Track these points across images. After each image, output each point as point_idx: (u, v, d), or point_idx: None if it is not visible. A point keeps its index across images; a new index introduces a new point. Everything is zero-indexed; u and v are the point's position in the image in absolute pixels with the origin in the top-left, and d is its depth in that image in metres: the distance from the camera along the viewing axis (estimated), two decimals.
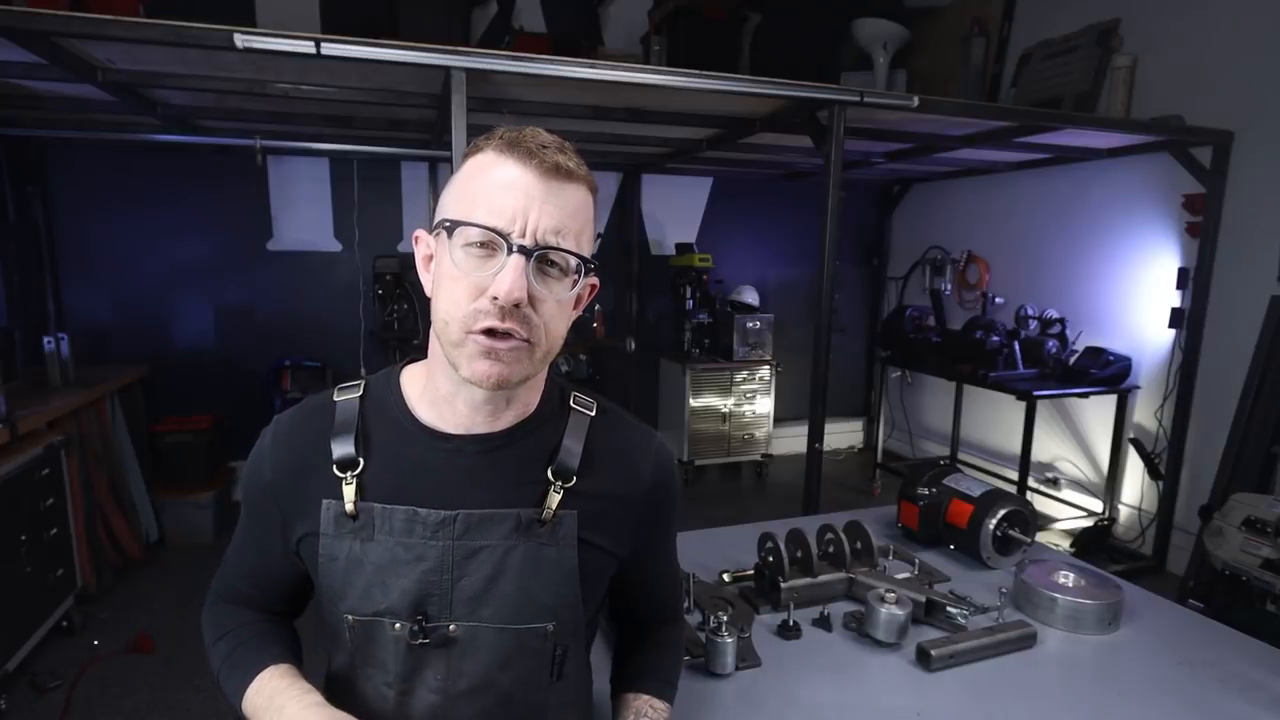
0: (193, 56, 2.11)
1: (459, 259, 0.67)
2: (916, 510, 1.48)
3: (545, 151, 0.67)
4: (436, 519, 0.72)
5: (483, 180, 0.68)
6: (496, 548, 0.73)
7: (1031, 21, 3.78)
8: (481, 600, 0.73)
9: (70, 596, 2.51)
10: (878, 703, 1.00)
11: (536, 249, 0.66)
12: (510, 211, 0.66)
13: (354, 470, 0.73)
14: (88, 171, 3.45)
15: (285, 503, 0.76)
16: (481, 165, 0.69)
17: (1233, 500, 2.42)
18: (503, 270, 0.65)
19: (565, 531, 0.74)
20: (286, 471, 0.76)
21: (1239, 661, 1.11)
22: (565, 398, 0.81)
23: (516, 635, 0.73)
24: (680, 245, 4.41)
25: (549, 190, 0.67)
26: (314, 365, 3.78)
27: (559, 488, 0.75)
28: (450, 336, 0.68)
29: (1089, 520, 3.44)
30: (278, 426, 0.79)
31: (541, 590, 0.74)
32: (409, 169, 3.97)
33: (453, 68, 2.00)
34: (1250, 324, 2.84)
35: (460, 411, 0.74)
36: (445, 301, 0.68)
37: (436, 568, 0.72)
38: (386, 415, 0.77)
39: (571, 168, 0.68)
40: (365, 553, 0.72)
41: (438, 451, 0.74)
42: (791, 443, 4.62)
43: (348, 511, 0.72)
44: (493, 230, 0.65)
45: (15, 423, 2.23)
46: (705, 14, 3.59)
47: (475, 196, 0.67)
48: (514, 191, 0.66)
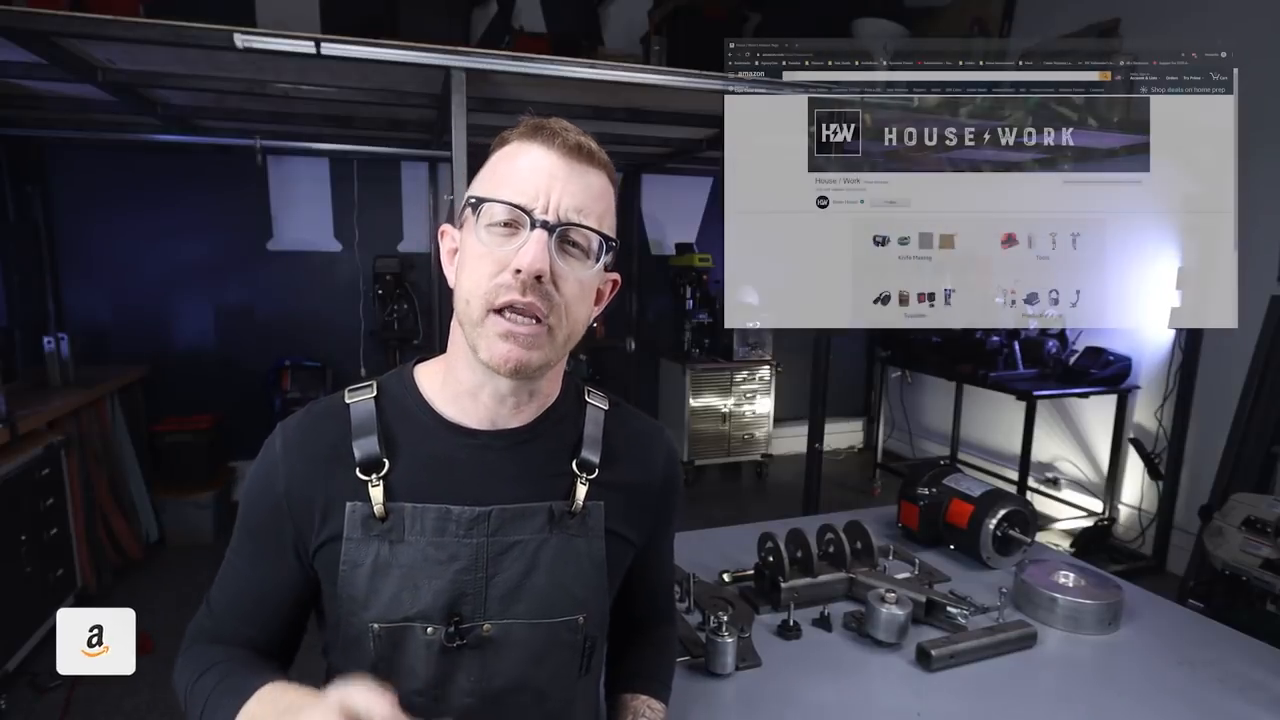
0: (193, 56, 2.11)
1: (484, 237, 0.68)
2: (916, 510, 1.48)
3: (567, 133, 0.69)
4: (470, 516, 0.71)
5: (508, 164, 0.70)
6: (530, 542, 0.73)
7: (1031, 21, 3.78)
8: (515, 596, 0.72)
9: (70, 596, 2.51)
10: (878, 703, 1.00)
11: (559, 224, 0.67)
12: (533, 189, 0.67)
13: (379, 471, 0.71)
14: (88, 171, 3.45)
15: (300, 513, 0.72)
16: (507, 152, 0.71)
17: (1233, 500, 2.42)
18: (526, 244, 0.66)
19: (594, 522, 0.76)
20: (301, 479, 0.72)
21: (1239, 661, 1.11)
22: (581, 392, 0.82)
23: (550, 629, 0.73)
24: (680, 245, 4.41)
25: (572, 170, 0.68)
26: (314, 365, 3.78)
27: (585, 479, 0.75)
28: (472, 315, 0.68)
29: (1089, 520, 3.44)
30: (286, 433, 0.75)
31: (573, 583, 0.74)
32: (409, 169, 3.96)
33: (453, 68, 2.00)
34: (1250, 324, 2.83)
35: (484, 405, 0.74)
36: (468, 280, 0.69)
37: (470, 566, 0.71)
38: (407, 414, 0.75)
39: (593, 149, 0.70)
40: (394, 555, 0.70)
41: (464, 447, 0.74)
42: (791, 443, 4.62)
43: (376, 514, 0.70)
44: (517, 207, 0.67)
45: (15, 423, 2.23)
46: (705, 14, 3.59)
47: (501, 179, 0.69)
48: (537, 171, 0.68)
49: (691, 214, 4.65)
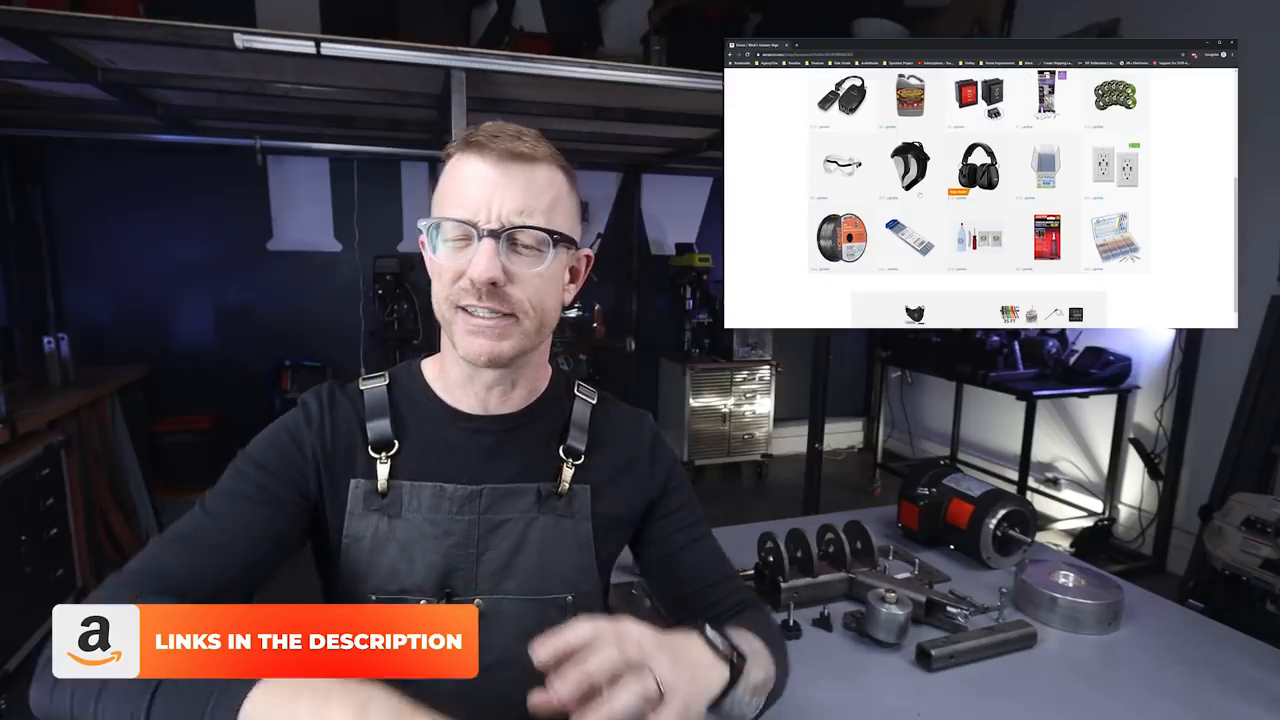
0: (193, 56, 2.12)
1: (441, 251, 0.73)
2: (916, 510, 1.48)
3: (497, 141, 0.71)
4: (463, 494, 0.76)
5: (453, 180, 0.73)
6: (519, 520, 0.78)
7: (1031, 21, 3.78)
8: (505, 573, 0.77)
9: (70, 596, 2.51)
10: (878, 703, 1.00)
11: (504, 230, 0.71)
12: (475, 201, 0.71)
13: (389, 451, 0.77)
14: (88, 171, 3.45)
15: (324, 466, 0.76)
16: (451, 168, 0.74)
17: (1233, 500, 2.42)
18: (476, 255, 0.70)
19: (580, 505, 0.80)
20: (331, 439, 0.77)
21: (1239, 661, 1.11)
22: (570, 385, 0.88)
23: (540, 606, 0.78)
24: (680, 245, 4.42)
25: (508, 175, 0.71)
26: (314, 365, 3.78)
27: (570, 463, 0.80)
28: (443, 316, 0.74)
29: (1089, 520, 3.44)
30: (320, 399, 0.79)
31: (561, 561, 0.79)
32: (409, 169, 3.97)
33: (453, 68, 2.00)
34: (1250, 324, 2.83)
35: (475, 394, 0.79)
36: (436, 289, 0.75)
37: (462, 542, 0.76)
38: (415, 401, 0.81)
39: (526, 150, 0.72)
40: (393, 529, 0.75)
41: (462, 431, 0.79)
42: (791, 443, 4.62)
43: (378, 489, 0.76)
44: (463, 222, 0.71)
45: (15, 423, 2.23)
46: (705, 14, 3.60)
47: (448, 196, 0.73)
48: (476, 183, 0.71)
49: (691, 214, 4.66)
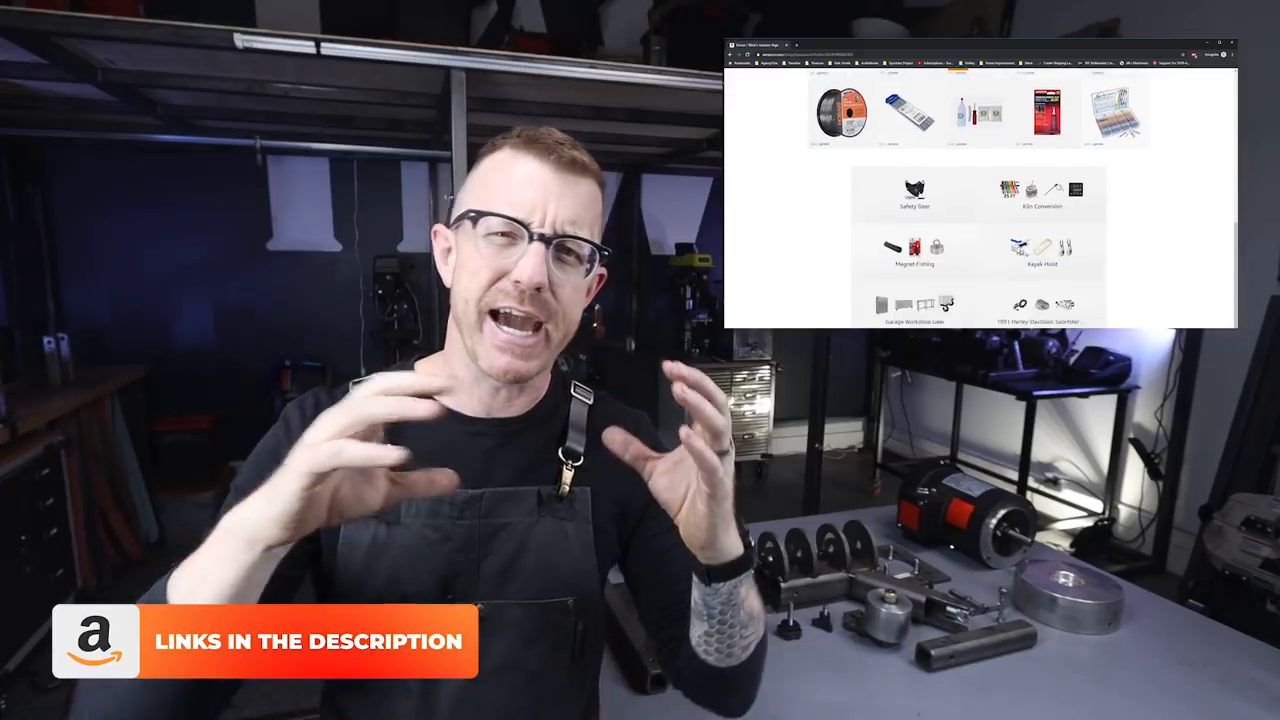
0: (193, 56, 2.11)
1: (482, 246, 0.71)
2: (916, 510, 1.49)
3: (561, 148, 0.71)
4: (463, 498, 0.74)
5: (503, 175, 0.72)
6: (519, 524, 0.76)
7: (1031, 21, 3.78)
8: (506, 577, 0.75)
9: (70, 596, 2.51)
10: (878, 703, 1.00)
11: (555, 237, 0.70)
12: (530, 203, 0.70)
13: None
14: (88, 171, 3.45)
15: None
16: (500, 162, 0.72)
17: (1233, 500, 2.42)
18: (525, 256, 0.69)
19: (580, 506, 0.79)
20: None
21: (1239, 661, 1.11)
22: (567, 385, 0.87)
23: (541, 610, 0.76)
24: (680, 245, 4.41)
25: (565, 184, 0.71)
26: (314, 365, 3.78)
27: (570, 465, 0.79)
28: (469, 319, 0.72)
29: (1089, 520, 3.44)
30: (303, 410, 0.76)
31: (562, 564, 0.77)
32: (409, 169, 3.96)
33: (453, 68, 2.00)
34: (1250, 324, 2.83)
35: (479, 397, 0.78)
36: (466, 285, 0.72)
37: (463, 547, 0.74)
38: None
39: (585, 162, 0.73)
40: (391, 536, 0.73)
41: (462, 434, 0.77)
42: (791, 443, 4.62)
43: None
44: (515, 220, 0.69)
45: (15, 423, 2.23)
46: (705, 14, 3.60)
47: (496, 190, 0.71)
48: (533, 185, 0.70)
49: (691, 214, 4.65)
